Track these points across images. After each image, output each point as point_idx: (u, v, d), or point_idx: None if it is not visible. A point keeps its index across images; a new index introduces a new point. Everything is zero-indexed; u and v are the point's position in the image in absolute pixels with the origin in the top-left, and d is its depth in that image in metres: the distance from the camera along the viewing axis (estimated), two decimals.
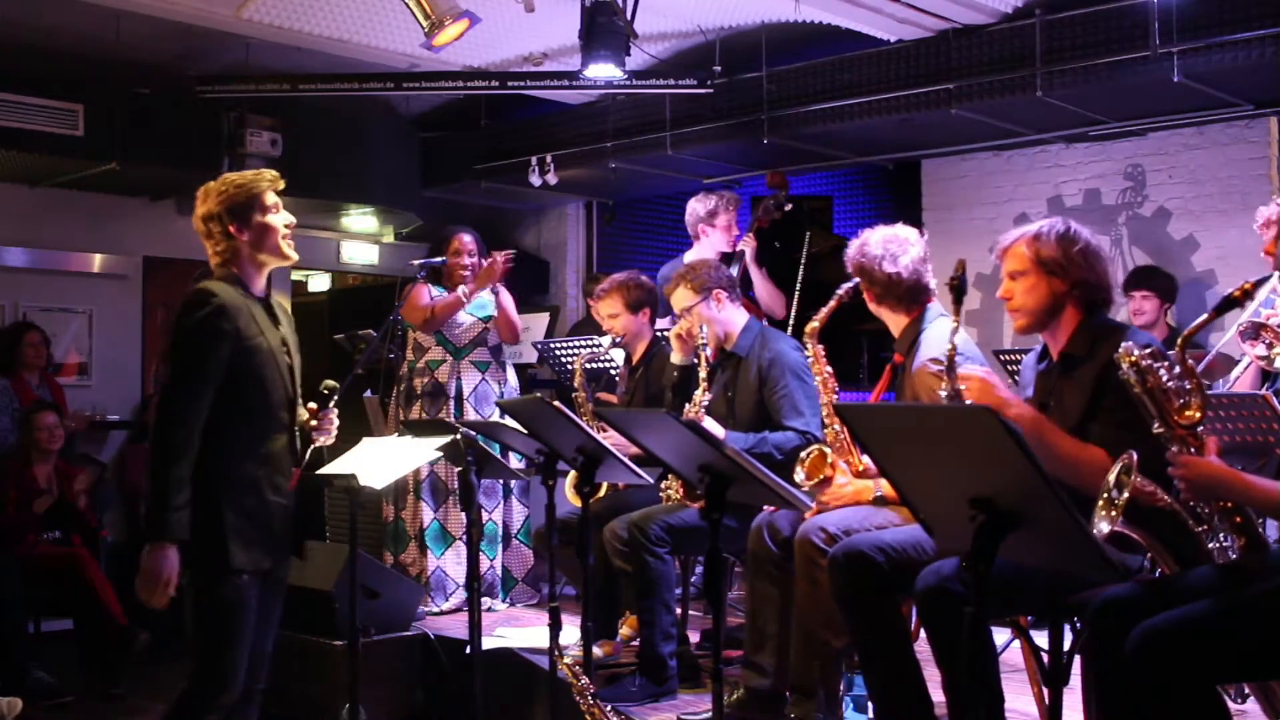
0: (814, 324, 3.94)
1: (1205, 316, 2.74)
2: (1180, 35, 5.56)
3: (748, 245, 5.87)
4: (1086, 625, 2.73)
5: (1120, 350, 2.65)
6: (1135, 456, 2.53)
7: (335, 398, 3.61)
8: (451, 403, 5.78)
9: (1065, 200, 7.18)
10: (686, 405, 4.65)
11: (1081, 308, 3.14)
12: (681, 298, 4.55)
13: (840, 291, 3.87)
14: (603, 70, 5.99)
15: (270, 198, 3.39)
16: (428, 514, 5.81)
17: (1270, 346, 3.95)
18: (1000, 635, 4.13)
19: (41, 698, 5.52)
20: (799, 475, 3.83)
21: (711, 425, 4.43)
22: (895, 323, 3.82)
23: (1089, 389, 3.01)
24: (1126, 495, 2.51)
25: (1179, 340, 2.69)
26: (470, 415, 5.72)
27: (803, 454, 3.84)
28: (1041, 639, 3.07)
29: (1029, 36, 5.99)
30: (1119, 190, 7.03)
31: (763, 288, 5.95)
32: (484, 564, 5.74)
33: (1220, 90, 6.03)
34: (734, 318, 4.57)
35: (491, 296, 5.84)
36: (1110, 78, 5.83)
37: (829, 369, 3.93)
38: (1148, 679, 2.45)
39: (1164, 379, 2.61)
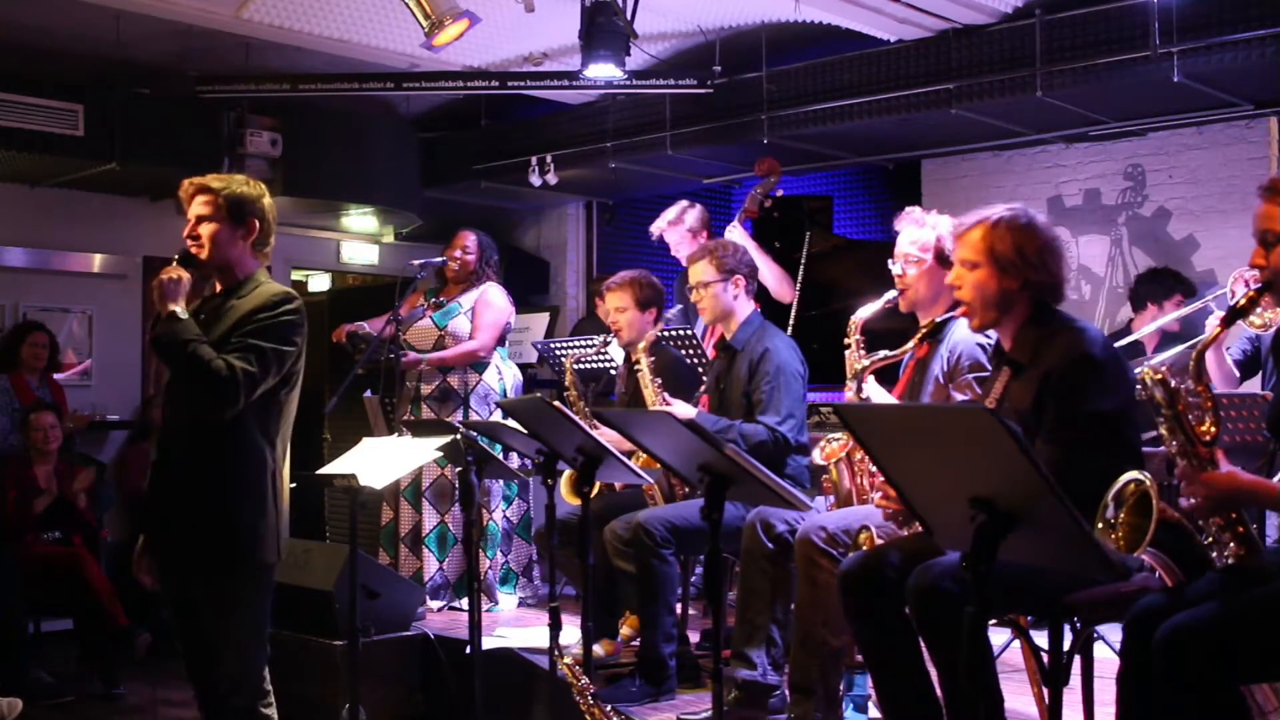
0: (859, 318, 3.87)
1: (1216, 330, 2.72)
2: (1180, 35, 5.56)
3: (734, 234, 5.79)
4: (1124, 636, 2.71)
5: (1145, 369, 2.61)
6: (1151, 479, 2.49)
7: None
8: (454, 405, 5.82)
9: (1065, 200, 7.18)
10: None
11: (1030, 305, 3.09)
12: (702, 271, 4.54)
13: (889, 296, 3.83)
14: (603, 70, 5.99)
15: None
16: (431, 518, 5.81)
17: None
18: (1000, 635, 4.13)
19: (41, 698, 5.52)
20: (817, 458, 3.85)
21: (682, 407, 4.46)
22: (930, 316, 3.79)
23: (1032, 396, 2.99)
24: (1124, 516, 2.49)
25: (1194, 355, 2.66)
26: (425, 414, 5.80)
27: (826, 439, 3.86)
28: (1041, 639, 3.07)
29: (1029, 36, 5.99)
30: (1119, 190, 7.03)
31: (769, 271, 5.88)
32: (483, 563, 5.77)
33: (1220, 90, 6.03)
34: (742, 308, 4.57)
35: (461, 305, 5.86)
36: (1110, 78, 5.83)
37: (866, 360, 3.91)
38: (1172, 677, 2.44)
39: (1188, 399, 2.59)
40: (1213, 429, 2.56)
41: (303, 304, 3.39)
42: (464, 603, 5.76)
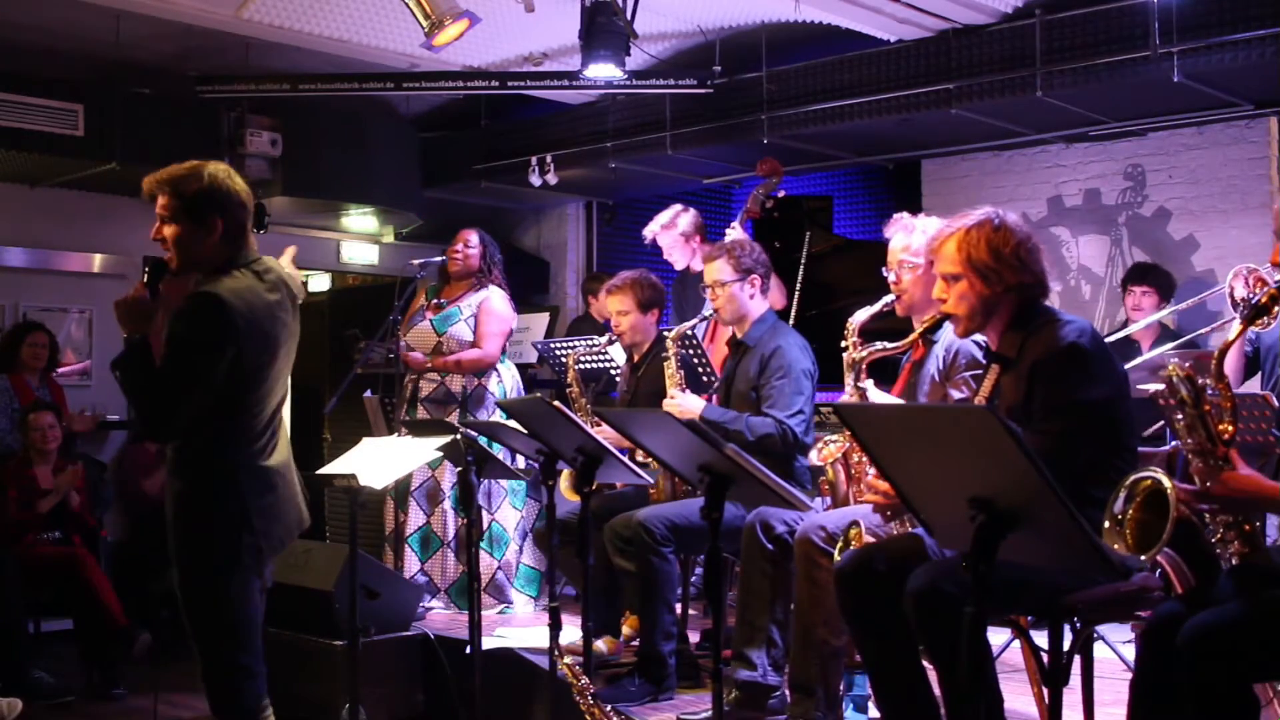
0: (856, 320, 3.84)
1: (1239, 329, 2.71)
2: (1180, 35, 5.56)
3: (734, 233, 5.78)
4: (1140, 645, 2.70)
5: (1171, 366, 2.61)
6: (1171, 479, 2.48)
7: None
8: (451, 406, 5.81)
9: (1065, 200, 7.18)
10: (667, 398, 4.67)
11: (1015, 304, 3.09)
12: (719, 270, 4.51)
13: (887, 300, 3.82)
14: (603, 70, 5.99)
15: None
16: (417, 518, 5.80)
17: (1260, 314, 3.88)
18: (1000, 635, 4.12)
19: (41, 698, 5.52)
20: (814, 459, 3.85)
21: (691, 399, 4.46)
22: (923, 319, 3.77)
23: (1022, 390, 3.00)
24: (1132, 512, 2.49)
25: (1216, 354, 2.65)
26: (422, 416, 5.75)
27: (823, 441, 3.85)
28: (1041, 639, 3.07)
29: (1029, 36, 6.00)
30: (1119, 190, 7.03)
31: None
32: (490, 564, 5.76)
33: (1220, 90, 6.04)
34: (756, 307, 4.56)
35: (461, 311, 5.84)
36: (1110, 78, 5.83)
37: (864, 351, 3.89)
38: (1197, 676, 2.44)
39: (1210, 395, 2.57)
40: (1230, 429, 2.56)
41: (221, 302, 3.11)
42: (434, 601, 5.76)
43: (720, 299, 4.53)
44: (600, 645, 4.73)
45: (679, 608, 4.57)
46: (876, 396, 3.74)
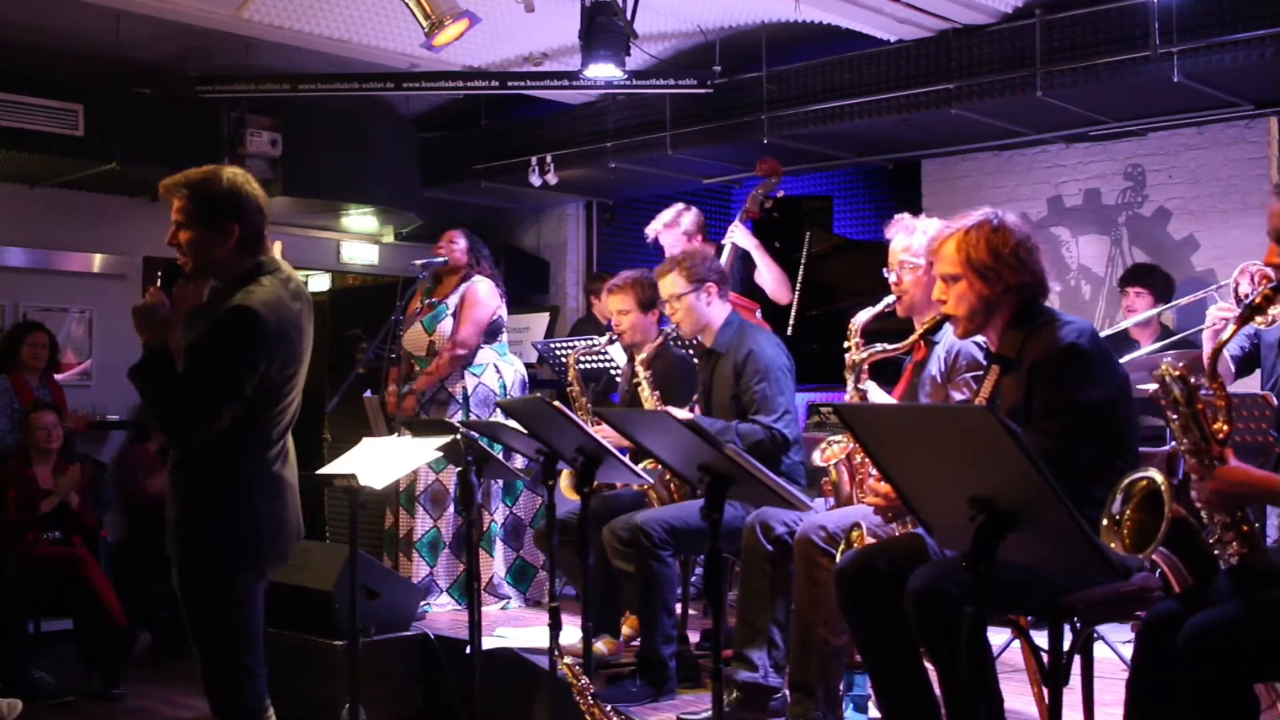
0: (858, 321, 3.83)
1: (1233, 329, 2.71)
2: (1180, 35, 5.56)
3: (735, 234, 5.76)
4: (1136, 644, 2.71)
5: (1163, 366, 2.61)
6: (1165, 479, 2.48)
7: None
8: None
9: (1065, 200, 7.18)
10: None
11: (1014, 305, 3.10)
12: (673, 284, 4.51)
13: (889, 301, 3.82)
14: (603, 70, 5.99)
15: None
16: (425, 522, 5.80)
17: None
18: (1000, 635, 4.12)
19: (41, 698, 5.52)
20: (817, 460, 3.85)
21: (677, 414, 4.46)
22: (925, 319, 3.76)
23: (1022, 391, 3.00)
24: (1130, 512, 2.49)
25: (1210, 353, 2.65)
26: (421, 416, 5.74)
27: (826, 441, 3.85)
28: (1041, 639, 3.07)
29: (1029, 36, 6.00)
30: (1119, 190, 7.03)
31: (768, 273, 5.87)
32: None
33: (1220, 90, 6.04)
34: (718, 313, 4.55)
35: (448, 306, 5.83)
36: (1110, 78, 5.83)
37: (864, 353, 3.88)
38: (1197, 678, 2.43)
39: (1204, 395, 2.57)
40: (1225, 428, 2.56)
41: (256, 317, 3.07)
42: (437, 600, 5.76)
43: (679, 312, 4.52)
44: (600, 646, 4.73)
45: (679, 608, 4.57)
46: (878, 397, 3.75)
